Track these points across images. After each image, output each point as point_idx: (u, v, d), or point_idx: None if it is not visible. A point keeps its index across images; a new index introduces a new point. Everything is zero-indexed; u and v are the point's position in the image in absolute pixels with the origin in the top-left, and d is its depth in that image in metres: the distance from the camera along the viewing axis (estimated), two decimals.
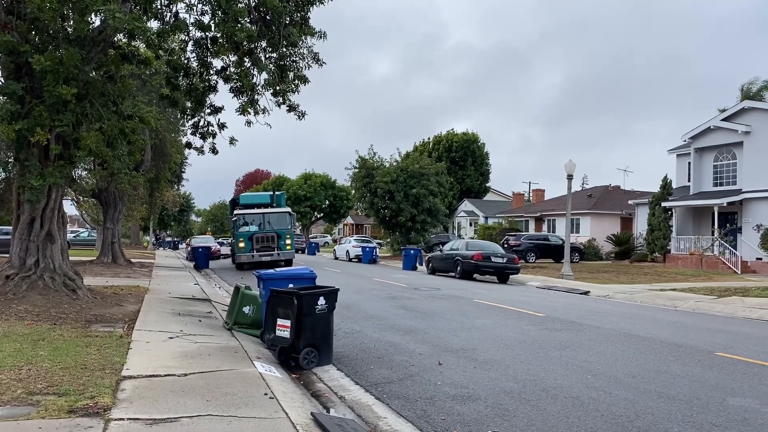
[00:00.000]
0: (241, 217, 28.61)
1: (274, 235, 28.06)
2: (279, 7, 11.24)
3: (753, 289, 19.09)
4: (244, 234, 27.89)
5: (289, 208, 31.27)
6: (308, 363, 8.31)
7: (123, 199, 28.68)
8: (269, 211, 29.37)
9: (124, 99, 12.02)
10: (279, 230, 28.33)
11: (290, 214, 30.13)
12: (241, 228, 28.14)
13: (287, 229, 28.83)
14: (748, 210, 30.33)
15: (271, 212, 29.28)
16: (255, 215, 28.90)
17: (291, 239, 28.88)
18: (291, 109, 13.78)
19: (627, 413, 6.26)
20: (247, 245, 27.68)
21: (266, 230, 28.14)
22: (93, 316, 10.80)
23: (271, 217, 28.93)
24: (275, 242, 28.02)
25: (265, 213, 29.09)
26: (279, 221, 28.85)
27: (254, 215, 28.90)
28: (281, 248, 28.14)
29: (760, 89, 39.72)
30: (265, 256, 27.52)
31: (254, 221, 28.53)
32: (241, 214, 28.73)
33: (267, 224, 28.39)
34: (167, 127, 27.19)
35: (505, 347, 9.70)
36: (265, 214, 28.94)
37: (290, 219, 29.85)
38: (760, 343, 10.44)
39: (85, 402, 5.56)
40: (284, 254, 28.43)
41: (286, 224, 29.06)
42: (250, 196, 32.90)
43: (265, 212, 29.16)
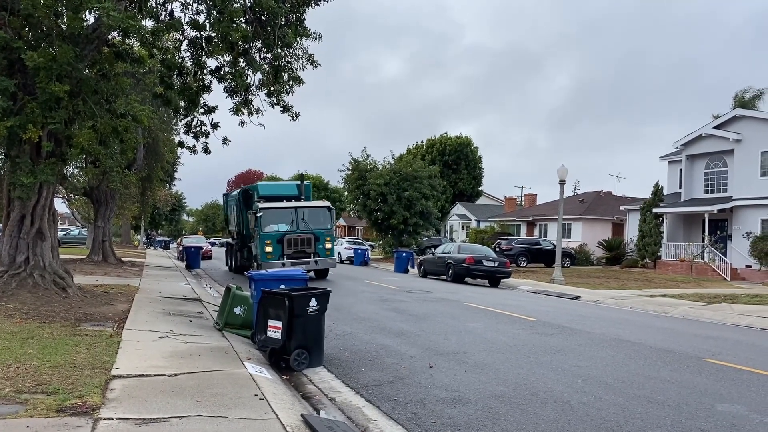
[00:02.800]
0: (267, 212, 21.95)
1: (311, 237, 22.02)
2: (274, 8, 11.23)
3: (742, 296, 19.20)
4: (271, 235, 21.56)
5: (327, 202, 24.60)
6: (299, 365, 8.29)
7: (114, 198, 28.54)
8: (304, 205, 23.08)
9: (117, 97, 11.97)
10: (317, 230, 22.22)
11: (329, 210, 23.45)
12: (266, 227, 21.66)
13: (326, 229, 22.75)
14: (738, 217, 30.53)
15: (306, 206, 23.01)
16: (284, 210, 22.50)
17: (332, 242, 22.94)
18: (285, 110, 13.77)
19: (616, 418, 6.29)
20: (276, 250, 21.48)
21: (301, 230, 22.04)
22: (83, 314, 10.74)
23: (306, 212, 22.65)
24: (312, 246, 22.03)
25: (299, 207, 22.67)
26: (316, 218, 22.74)
27: (283, 210, 22.49)
28: (319, 254, 22.12)
29: (753, 97, 40.00)
30: (299, 264, 20.73)
31: (283, 218, 22.29)
32: (267, 209, 22.04)
33: (301, 222, 22.25)
34: (160, 126, 27.05)
35: (495, 351, 9.71)
36: (298, 209, 22.55)
37: (330, 216, 23.28)
38: (749, 349, 10.50)
39: (73, 401, 5.53)
40: (323, 262, 22.52)
41: (326, 223, 22.93)
42: (271, 185, 26.20)
43: (299, 206, 22.78)
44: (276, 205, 22.59)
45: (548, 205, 49.31)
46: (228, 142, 14.37)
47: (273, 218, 22.00)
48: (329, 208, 23.48)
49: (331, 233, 23.05)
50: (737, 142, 30.46)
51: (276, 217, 22.11)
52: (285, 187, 25.79)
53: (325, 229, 22.62)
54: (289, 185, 25.70)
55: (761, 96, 39.91)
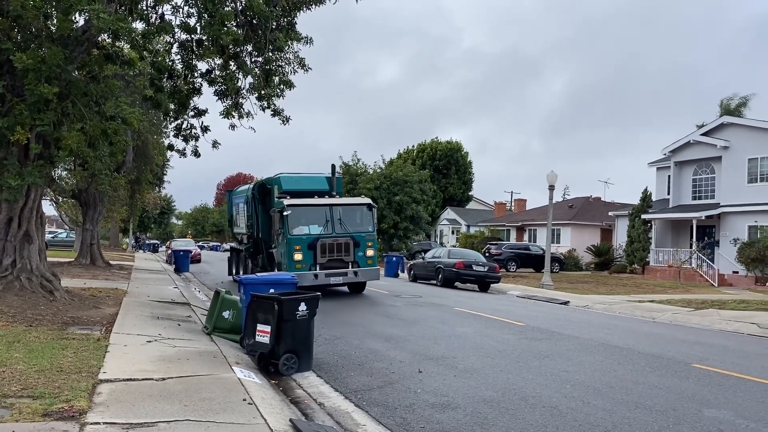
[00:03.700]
0: (296, 210, 17.86)
1: (349, 242, 17.98)
2: (266, 12, 11.23)
3: (729, 301, 19.33)
4: (300, 239, 17.48)
5: (368, 199, 20.02)
6: (288, 369, 8.27)
7: (103, 201, 28.37)
8: (341, 203, 19.07)
9: (107, 99, 11.92)
10: (356, 234, 18.22)
11: (371, 208, 19.07)
12: (295, 229, 17.63)
13: (368, 232, 18.61)
14: (725, 224, 30.76)
15: (343, 204, 19.03)
16: (317, 208, 18.27)
17: (374, 249, 18.71)
18: (275, 114, 13.76)
19: (604, 423, 6.31)
20: (307, 257, 17.50)
21: (337, 233, 18.00)
22: (70, 318, 10.66)
23: (343, 211, 18.51)
24: (350, 253, 18.00)
25: (335, 205, 18.55)
26: (355, 219, 18.68)
27: (316, 208, 18.26)
28: (359, 263, 18.15)
29: (738, 105, 40.39)
30: (336, 275, 17.76)
31: (315, 218, 18.12)
32: (296, 206, 17.92)
33: (337, 223, 18.16)
34: (150, 128, 26.92)
35: (485, 356, 9.72)
36: (333, 207, 18.40)
37: (372, 216, 18.96)
38: (736, 355, 10.57)
39: (60, 405, 5.49)
40: (364, 273, 18.35)
41: (366, 224, 18.77)
42: (296, 178, 20.65)
43: (335, 203, 18.66)
44: (307, 201, 18.33)
45: (538, 210, 49.49)
46: (218, 146, 14.36)
47: (303, 218, 17.91)
48: (370, 205, 19.11)
49: (374, 238, 18.79)
50: (725, 149, 30.72)
51: (307, 216, 18.01)
52: (313, 180, 20.76)
53: (366, 232, 18.54)
54: (317, 178, 20.88)
55: (746, 103, 40.32)
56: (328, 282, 17.76)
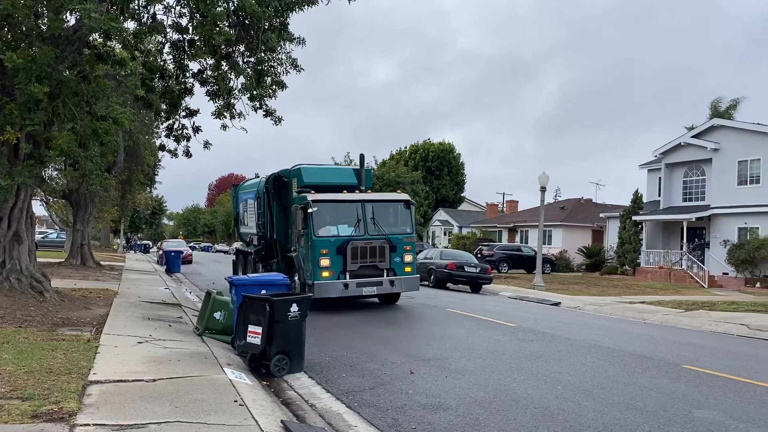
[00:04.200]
0: (324, 207, 15.20)
1: (385, 245, 15.33)
2: (258, 12, 11.21)
3: (719, 303, 19.44)
4: (328, 242, 14.86)
5: (406, 194, 17.06)
6: (279, 370, 8.25)
7: (94, 201, 28.23)
8: (375, 198, 16.18)
9: (98, 99, 11.86)
10: (393, 236, 15.52)
11: (409, 205, 16.35)
12: (321, 229, 14.99)
13: (406, 234, 15.90)
14: (715, 225, 30.94)
15: (377, 200, 16.16)
16: (347, 205, 15.60)
17: (413, 254, 15.99)
18: (268, 114, 13.73)
19: (595, 424, 6.33)
20: (336, 263, 14.82)
21: (371, 235, 15.28)
22: (60, 319, 10.60)
23: (377, 209, 15.77)
24: (386, 259, 15.34)
25: (367, 201, 15.71)
26: (390, 218, 16.05)
27: (346, 205, 15.61)
28: (395, 270, 15.45)
29: (729, 107, 40.64)
30: (370, 285, 15.13)
31: (345, 217, 15.49)
32: (323, 202, 15.23)
33: (370, 223, 15.43)
34: (141, 128, 26.80)
35: (476, 357, 9.74)
36: (366, 204, 15.60)
37: (410, 215, 16.32)
38: (726, 356, 10.63)
39: (49, 407, 5.45)
40: (401, 283, 15.64)
41: (404, 224, 16.12)
42: (319, 169, 17.81)
43: (368, 199, 15.82)
44: (336, 197, 15.63)
45: (529, 211, 49.62)
46: (210, 146, 14.32)
47: (331, 216, 15.31)
48: (409, 202, 16.34)
49: (413, 240, 16.05)
50: (715, 151, 30.90)
51: (335, 214, 15.41)
52: (339, 172, 18.18)
53: (403, 234, 15.81)
54: (343, 170, 18.48)
55: (736, 105, 40.58)
56: (359, 293, 15.03)
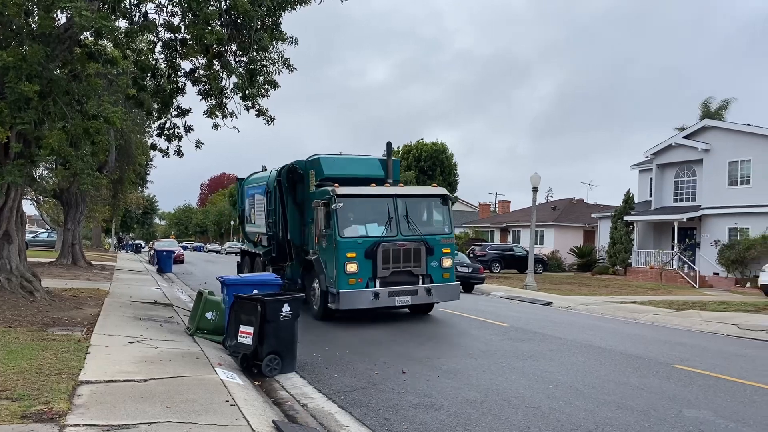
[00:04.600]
0: (350, 203, 13.22)
1: (420, 247, 13.28)
2: (250, 11, 11.18)
3: (710, 303, 19.54)
4: (355, 244, 12.90)
5: (442, 188, 14.83)
6: (271, 370, 8.23)
7: (85, 200, 28.10)
8: (408, 193, 14.26)
9: (89, 98, 11.79)
10: (429, 237, 13.49)
11: (447, 200, 14.35)
12: (346, 229, 13.06)
13: (444, 234, 13.89)
14: (706, 226, 31.11)
15: (411, 194, 14.22)
16: (377, 200, 13.64)
17: (452, 257, 13.98)
18: (260, 114, 13.69)
19: (586, 423, 6.35)
20: (365, 269, 12.84)
21: (405, 236, 13.25)
22: (50, 319, 10.55)
23: (411, 205, 13.73)
24: (422, 263, 13.30)
25: (400, 196, 13.69)
26: (425, 215, 14.15)
27: (376, 200, 13.67)
28: (432, 276, 13.43)
29: (719, 108, 40.83)
30: (403, 294, 13.14)
31: (375, 214, 13.55)
32: (350, 197, 13.23)
33: (403, 221, 13.37)
34: (133, 128, 26.65)
35: (468, 356, 9.75)
36: (397, 199, 13.56)
37: (448, 211, 14.34)
38: (716, 356, 10.69)
39: (39, 407, 5.42)
40: (439, 291, 13.55)
41: (442, 223, 14.19)
42: (341, 160, 15.55)
43: (400, 194, 13.81)
44: (365, 191, 13.67)
45: (522, 211, 49.73)
46: (201, 145, 14.27)
47: (358, 214, 13.35)
48: (446, 197, 14.31)
49: (452, 242, 14.02)
50: (706, 151, 31.07)
51: (363, 211, 13.50)
52: (363, 163, 15.84)
53: (441, 234, 13.80)
54: (368, 161, 16.03)
55: (727, 106, 40.78)
56: (391, 303, 13.03)
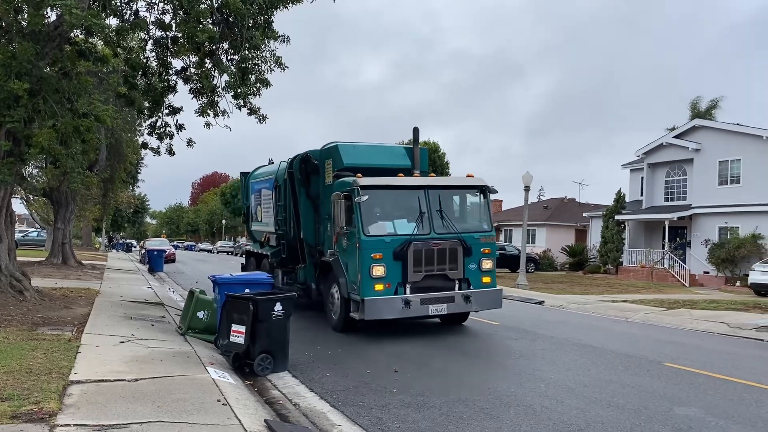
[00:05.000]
0: (376, 195, 11.52)
1: (458, 248, 11.57)
2: (242, 10, 11.14)
3: (700, 301, 19.65)
4: (382, 243, 11.21)
5: (480, 178, 12.77)
6: (263, 370, 8.22)
7: (75, 199, 27.93)
8: (440, 183, 12.59)
9: (79, 96, 11.72)
10: (466, 235, 11.74)
11: (485, 191, 12.46)
12: (371, 225, 11.38)
13: (483, 231, 12.13)
14: (697, 225, 31.28)
15: (445, 185, 12.52)
16: (406, 193, 11.98)
17: (492, 259, 12.10)
18: (252, 112, 13.65)
19: (578, 422, 6.37)
20: (393, 272, 11.16)
21: (439, 234, 11.54)
22: (40, 318, 10.48)
23: (445, 198, 12.09)
24: (458, 266, 11.56)
25: (433, 187, 12.04)
26: (460, 210, 12.65)
27: (405, 193, 12.01)
28: (470, 280, 11.72)
29: (709, 107, 41.06)
30: (437, 302, 11.32)
31: (404, 209, 11.88)
32: (375, 188, 11.54)
33: (437, 217, 11.68)
34: (123, 126, 26.53)
35: (460, 355, 9.76)
36: (429, 191, 11.89)
37: (487, 205, 12.55)
38: (706, 354, 10.76)
39: (29, 407, 5.39)
40: (478, 298, 11.77)
41: (481, 219, 12.46)
42: (362, 148, 13.71)
43: (432, 184, 12.16)
44: (393, 181, 11.98)
45: (513, 211, 49.85)
46: (193, 144, 14.21)
47: (385, 208, 11.80)
48: (485, 188, 12.42)
49: (492, 240, 12.23)
50: (696, 151, 31.23)
51: (391, 205, 11.92)
52: (386, 151, 14.01)
53: (480, 231, 12.05)
54: (393, 149, 14.36)
55: (716, 105, 41.02)
56: (424, 313, 11.24)
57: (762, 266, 23.87)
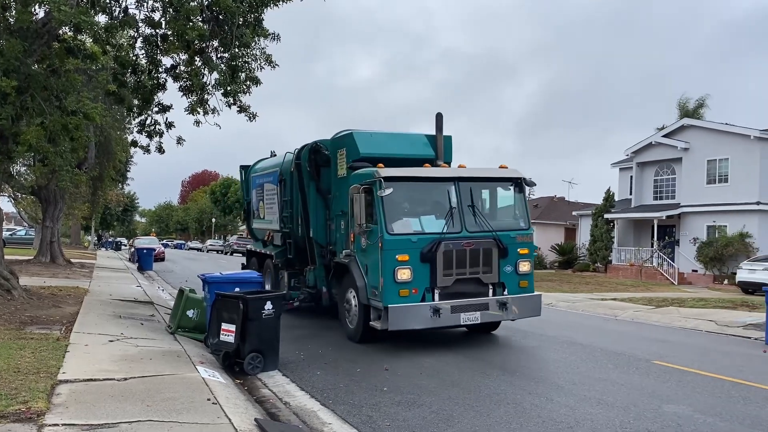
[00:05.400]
0: (401, 188, 10.23)
1: (492, 249, 10.34)
2: (232, 7, 11.10)
3: (688, 299, 19.79)
4: (408, 243, 9.87)
5: (514, 169, 11.46)
6: (253, 368, 8.20)
7: (64, 197, 27.74)
8: (474, 175, 10.96)
9: (68, 94, 11.65)
10: (501, 233, 10.48)
11: (521, 184, 11.27)
12: (396, 223, 10.09)
13: (520, 230, 10.95)
14: (685, 223, 31.48)
15: (477, 177, 10.98)
16: (435, 186, 10.79)
17: (530, 261, 10.86)
18: (242, 110, 13.60)
19: (567, 420, 6.40)
20: (421, 276, 9.88)
21: (472, 233, 10.27)
22: (28, 317, 10.41)
23: (476, 191, 10.78)
24: (492, 268, 10.36)
25: (464, 179, 10.67)
26: (492, 206, 11.29)
27: (433, 185, 10.79)
28: (506, 285, 10.47)
29: (697, 106, 41.31)
30: (470, 309, 10.09)
31: (431, 204, 10.80)
32: (400, 180, 10.19)
33: (468, 213, 10.40)
34: (113, 124, 26.37)
35: (451, 354, 9.78)
36: (460, 183, 10.58)
37: (522, 201, 11.43)
38: (694, 351, 10.83)
39: (17, 407, 5.35)
40: (517, 304, 10.47)
41: (517, 215, 11.33)
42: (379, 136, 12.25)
43: (464, 176, 10.76)
44: (420, 172, 10.68)
45: None
46: (183, 142, 14.14)
47: (411, 203, 10.70)
48: (521, 181, 11.22)
49: (530, 240, 11.00)
50: (685, 150, 31.42)
51: (416, 200, 10.81)
52: (406, 140, 12.45)
53: (517, 229, 10.88)
54: (413, 137, 12.61)
55: (703, 104, 41.29)
56: (455, 322, 10.06)
57: (749, 265, 24.07)
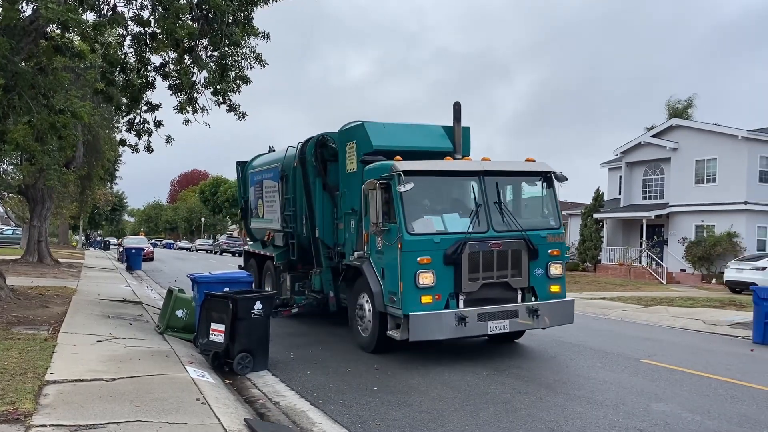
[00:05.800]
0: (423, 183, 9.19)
1: (522, 250, 9.34)
2: (222, 6, 11.05)
3: (677, 299, 19.91)
4: (431, 243, 8.89)
5: (544, 163, 10.29)
6: (242, 368, 8.17)
7: (52, 197, 27.53)
8: (502, 168, 9.85)
9: (55, 92, 11.57)
10: (531, 233, 9.45)
11: (550, 180, 10.13)
12: (417, 222, 9.07)
13: (551, 228, 9.93)
14: (674, 223, 31.69)
15: (504, 171, 9.86)
16: (458, 181, 9.86)
17: (562, 263, 9.80)
18: (231, 109, 13.55)
19: (557, 418, 6.42)
20: (444, 280, 8.90)
21: (499, 232, 9.27)
22: (15, 317, 10.33)
23: (503, 186, 9.81)
24: (522, 271, 9.35)
25: (491, 173, 9.60)
26: (520, 203, 10.23)
27: (456, 181, 9.86)
28: (538, 290, 9.52)
29: (685, 106, 41.60)
30: (499, 317, 9.07)
31: (455, 201, 9.98)
32: (421, 173, 9.16)
33: (496, 212, 9.39)
34: (101, 123, 26.17)
35: (440, 353, 9.78)
36: (486, 177, 9.53)
37: (552, 197, 10.22)
38: (683, 350, 10.90)
39: (4, 408, 5.31)
40: (548, 311, 9.41)
41: (547, 213, 10.29)
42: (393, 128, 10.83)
43: (491, 170, 9.62)
44: (441, 166, 9.59)
45: None
46: (172, 141, 14.07)
47: (432, 200, 9.76)
48: (550, 175, 10.23)
49: (562, 240, 10.09)
50: (674, 150, 31.62)
51: (438, 196, 9.86)
52: (422, 131, 11.26)
53: (547, 228, 9.95)
54: (428, 128, 11.40)
55: (692, 104, 41.59)
56: (482, 331, 9.15)
57: (737, 264, 24.25)
